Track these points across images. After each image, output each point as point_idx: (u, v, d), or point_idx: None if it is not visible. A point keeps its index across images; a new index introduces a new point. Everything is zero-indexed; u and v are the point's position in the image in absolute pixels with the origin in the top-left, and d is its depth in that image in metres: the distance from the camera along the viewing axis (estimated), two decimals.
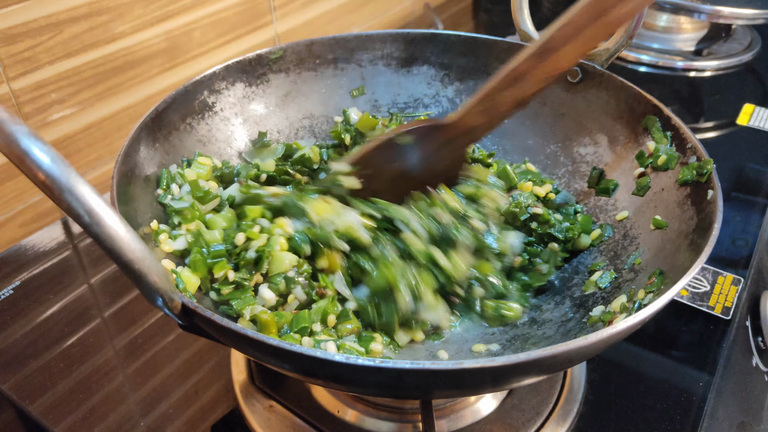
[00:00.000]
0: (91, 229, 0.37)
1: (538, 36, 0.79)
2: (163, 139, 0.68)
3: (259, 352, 0.45)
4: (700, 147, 0.61)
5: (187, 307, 0.44)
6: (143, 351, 0.74)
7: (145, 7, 0.96)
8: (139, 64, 0.99)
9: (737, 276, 0.83)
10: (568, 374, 0.70)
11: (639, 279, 0.59)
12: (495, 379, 0.45)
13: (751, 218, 0.94)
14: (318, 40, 0.82)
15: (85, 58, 0.91)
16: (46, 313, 0.79)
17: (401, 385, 0.45)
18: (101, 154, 0.99)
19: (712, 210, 0.54)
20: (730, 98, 1.25)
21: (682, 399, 0.68)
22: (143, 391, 0.70)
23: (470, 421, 0.65)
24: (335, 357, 0.40)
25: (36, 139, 0.35)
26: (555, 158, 0.78)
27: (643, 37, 1.43)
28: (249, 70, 0.78)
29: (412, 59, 0.85)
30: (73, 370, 0.72)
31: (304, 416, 0.66)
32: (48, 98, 0.89)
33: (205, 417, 0.67)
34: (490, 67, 0.82)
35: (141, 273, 0.39)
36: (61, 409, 0.67)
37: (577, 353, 0.43)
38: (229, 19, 1.11)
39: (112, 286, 0.83)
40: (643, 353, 0.73)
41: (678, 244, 0.57)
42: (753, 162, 1.07)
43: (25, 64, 0.85)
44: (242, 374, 0.70)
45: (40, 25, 0.84)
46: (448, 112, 0.85)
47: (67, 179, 0.35)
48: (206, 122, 0.74)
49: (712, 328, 0.76)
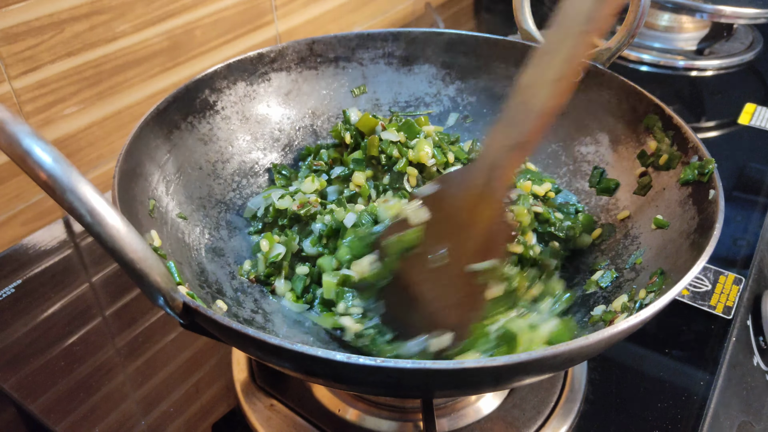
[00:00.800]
0: (93, 229, 0.37)
1: (539, 35, 0.79)
2: (164, 138, 0.68)
3: (261, 351, 0.45)
4: (701, 146, 0.61)
5: (189, 306, 0.44)
6: (144, 350, 0.74)
7: (146, 6, 0.96)
8: (140, 63, 0.99)
9: (738, 275, 0.83)
10: (569, 373, 0.70)
11: (640, 278, 0.59)
12: (496, 379, 0.45)
13: (753, 218, 0.94)
14: (319, 38, 0.82)
15: (87, 57, 0.91)
16: (48, 312, 0.79)
17: (402, 384, 0.45)
18: (103, 153, 0.99)
19: (714, 210, 0.54)
20: (731, 98, 1.25)
21: (683, 398, 0.68)
22: (144, 390, 0.70)
23: (471, 420, 0.65)
24: (336, 356, 0.40)
25: (38, 139, 0.35)
26: (556, 157, 0.78)
27: (645, 37, 1.43)
28: (250, 68, 0.78)
29: (413, 58, 0.85)
30: (75, 369, 0.72)
31: (305, 415, 0.66)
32: (49, 97, 0.89)
33: (206, 416, 0.67)
34: (492, 66, 0.82)
35: (143, 272, 0.39)
36: (62, 408, 0.67)
37: (578, 353, 0.43)
38: (231, 18, 1.11)
39: (114, 284, 0.83)
40: (644, 352, 0.73)
41: (679, 243, 0.57)
42: (754, 161, 1.07)
43: (26, 63, 0.85)
44: (243, 373, 0.70)
45: (41, 24, 0.84)
46: (450, 110, 0.85)
47: (69, 179, 0.35)
48: (207, 121, 0.74)
49: (713, 328, 0.76)
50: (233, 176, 0.76)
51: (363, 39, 0.84)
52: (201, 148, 0.73)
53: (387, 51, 0.84)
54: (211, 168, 0.74)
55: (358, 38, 0.83)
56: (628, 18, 0.69)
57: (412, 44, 0.84)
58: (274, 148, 0.80)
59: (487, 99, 0.84)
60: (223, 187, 0.74)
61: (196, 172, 0.72)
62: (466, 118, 0.84)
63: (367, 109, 0.85)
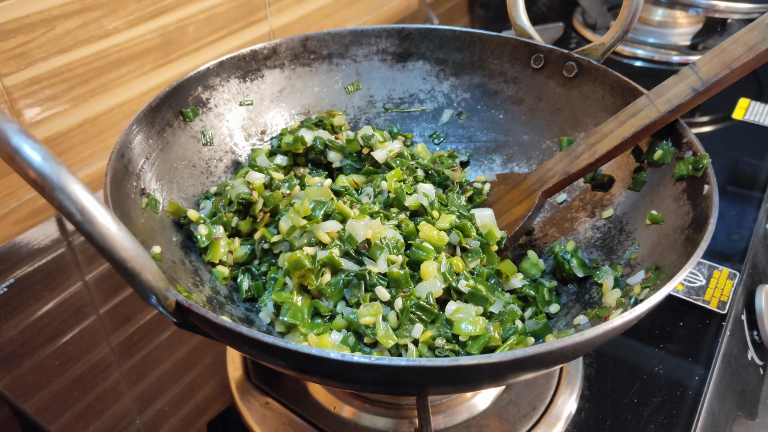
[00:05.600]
0: (83, 227, 0.36)
1: (533, 31, 0.79)
2: (156, 135, 0.67)
3: (254, 349, 0.44)
4: (696, 141, 0.61)
5: (182, 305, 0.44)
6: (139, 348, 0.74)
7: (138, 3, 0.95)
8: (132, 60, 0.98)
9: (733, 270, 0.83)
10: (564, 369, 0.70)
11: (635, 274, 0.59)
12: (490, 376, 0.45)
13: (747, 212, 0.94)
14: (313, 35, 0.81)
15: (78, 54, 0.91)
16: (41, 311, 0.78)
17: (397, 381, 0.45)
18: (95, 151, 0.99)
19: (708, 205, 0.54)
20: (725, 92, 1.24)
21: (678, 393, 0.68)
22: (139, 389, 0.69)
23: (466, 416, 0.65)
24: (330, 354, 0.40)
25: (26, 137, 0.34)
26: (551, 154, 0.78)
27: (639, 32, 1.43)
28: (243, 65, 0.78)
29: (407, 54, 0.85)
30: (69, 368, 0.71)
31: (301, 413, 0.66)
32: (41, 94, 0.88)
33: (201, 414, 0.67)
34: (486, 62, 0.82)
35: (134, 271, 0.39)
36: (57, 407, 0.67)
37: (573, 349, 0.43)
38: (224, 14, 1.10)
39: (107, 283, 0.83)
40: (639, 347, 0.74)
41: (674, 239, 0.57)
42: (748, 156, 1.07)
43: (17, 60, 0.84)
44: (238, 371, 0.70)
45: (32, 21, 0.84)
46: (444, 107, 0.85)
47: (58, 177, 0.35)
48: (200, 118, 0.74)
49: (707, 323, 0.76)
50: (226, 174, 0.76)
51: (357, 35, 0.83)
52: (194, 146, 0.73)
53: (381, 47, 0.84)
54: (204, 166, 0.73)
55: (352, 35, 0.83)
56: (622, 13, 0.69)
57: (406, 40, 0.84)
58: (267, 145, 0.80)
59: (482, 95, 0.83)
60: (216, 185, 0.74)
61: (189, 170, 0.71)
62: (460, 114, 0.84)
63: (361, 106, 0.85)
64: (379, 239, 0.61)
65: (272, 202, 0.69)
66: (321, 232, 0.62)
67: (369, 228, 0.61)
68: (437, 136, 0.85)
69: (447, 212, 0.69)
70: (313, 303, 0.60)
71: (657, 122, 0.62)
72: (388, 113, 0.85)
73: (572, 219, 0.73)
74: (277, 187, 0.71)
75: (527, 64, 0.79)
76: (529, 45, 0.78)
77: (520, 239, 0.74)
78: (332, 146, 0.77)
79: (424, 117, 0.85)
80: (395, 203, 0.70)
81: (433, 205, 0.70)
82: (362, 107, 0.85)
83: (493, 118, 0.83)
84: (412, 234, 0.64)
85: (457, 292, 0.60)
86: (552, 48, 0.77)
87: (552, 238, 0.73)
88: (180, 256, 0.63)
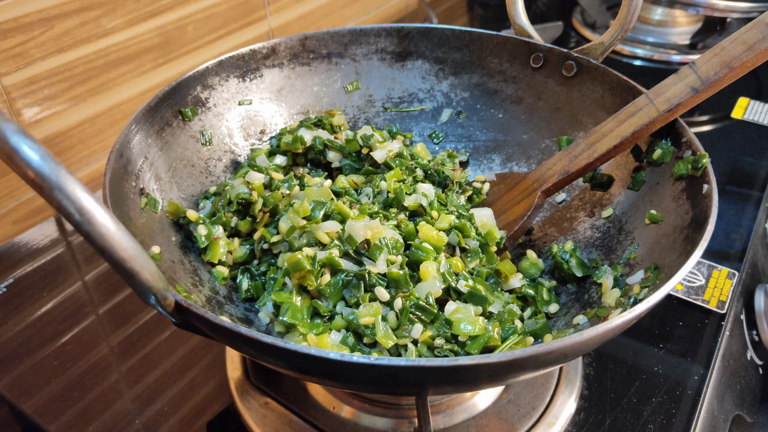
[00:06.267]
0: (82, 227, 0.36)
1: (532, 30, 0.79)
2: (156, 135, 0.67)
3: (253, 349, 0.44)
4: (695, 141, 0.61)
5: (181, 305, 0.44)
6: (138, 348, 0.74)
7: (137, 2, 0.95)
8: (131, 59, 0.98)
9: (732, 270, 0.83)
10: (564, 369, 0.70)
11: (634, 273, 0.59)
12: (490, 376, 0.45)
13: (746, 212, 0.94)
14: (312, 34, 0.81)
15: (77, 53, 0.91)
16: (40, 311, 0.78)
17: (396, 382, 0.45)
18: (94, 151, 0.98)
19: (708, 204, 0.54)
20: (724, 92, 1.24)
21: (678, 392, 0.68)
22: (138, 389, 0.69)
23: (466, 416, 0.65)
24: (329, 354, 0.40)
25: (25, 137, 0.34)
26: (550, 153, 0.78)
27: (638, 31, 1.43)
28: (242, 65, 0.78)
29: (406, 54, 0.85)
30: (68, 368, 0.71)
31: (300, 413, 0.66)
32: (40, 94, 0.88)
33: (200, 414, 0.67)
34: (485, 61, 0.82)
35: (133, 271, 0.39)
36: (56, 408, 0.67)
37: (572, 349, 0.43)
38: (223, 13, 1.10)
39: (107, 283, 0.83)
40: (639, 347, 0.74)
41: (673, 238, 0.57)
42: (747, 155, 1.07)
43: (16, 59, 0.84)
44: (237, 371, 0.70)
45: (31, 21, 0.84)
46: (443, 106, 0.85)
47: (57, 177, 0.35)
48: (199, 118, 0.74)
49: (707, 322, 0.76)
50: (226, 173, 0.75)
51: (356, 35, 0.83)
52: (193, 146, 0.73)
53: (380, 47, 0.84)
54: (203, 165, 0.73)
55: (351, 34, 0.83)
56: (621, 12, 0.69)
57: (406, 40, 0.84)
58: (266, 145, 0.80)
59: (481, 94, 0.83)
60: (215, 185, 0.74)
61: (188, 170, 0.71)
62: (459, 113, 0.84)
63: (361, 105, 0.85)
64: (379, 239, 0.61)
65: (272, 202, 0.69)
66: (320, 233, 0.62)
67: (368, 228, 0.61)
68: (436, 136, 0.85)
69: (446, 212, 0.69)
70: (313, 303, 0.60)
71: (656, 121, 0.62)
72: (388, 113, 0.85)
73: (571, 218, 0.73)
74: (276, 187, 0.71)
75: (526, 64, 0.79)
76: (529, 44, 0.78)
77: (520, 239, 0.74)
78: (331, 146, 0.77)
79: (423, 116, 0.85)
80: (394, 203, 0.70)
81: (432, 205, 0.70)
82: (361, 107, 0.85)
83: (493, 117, 0.83)
84: (412, 234, 0.64)
85: (457, 292, 0.60)
86: (551, 47, 0.77)
87: (551, 237, 0.73)
88: (179, 256, 0.63)
